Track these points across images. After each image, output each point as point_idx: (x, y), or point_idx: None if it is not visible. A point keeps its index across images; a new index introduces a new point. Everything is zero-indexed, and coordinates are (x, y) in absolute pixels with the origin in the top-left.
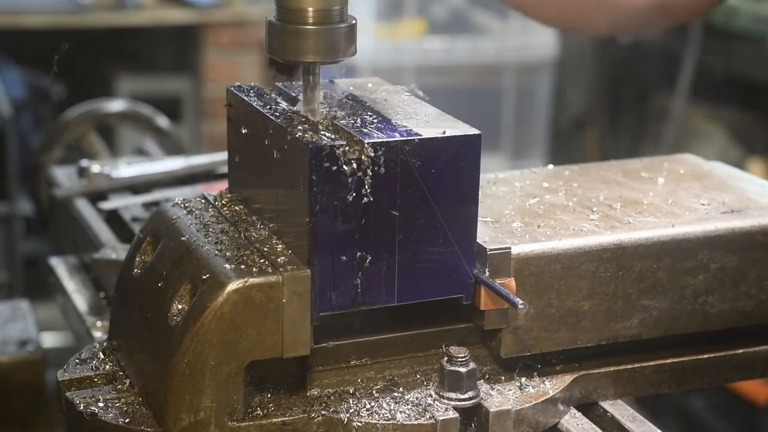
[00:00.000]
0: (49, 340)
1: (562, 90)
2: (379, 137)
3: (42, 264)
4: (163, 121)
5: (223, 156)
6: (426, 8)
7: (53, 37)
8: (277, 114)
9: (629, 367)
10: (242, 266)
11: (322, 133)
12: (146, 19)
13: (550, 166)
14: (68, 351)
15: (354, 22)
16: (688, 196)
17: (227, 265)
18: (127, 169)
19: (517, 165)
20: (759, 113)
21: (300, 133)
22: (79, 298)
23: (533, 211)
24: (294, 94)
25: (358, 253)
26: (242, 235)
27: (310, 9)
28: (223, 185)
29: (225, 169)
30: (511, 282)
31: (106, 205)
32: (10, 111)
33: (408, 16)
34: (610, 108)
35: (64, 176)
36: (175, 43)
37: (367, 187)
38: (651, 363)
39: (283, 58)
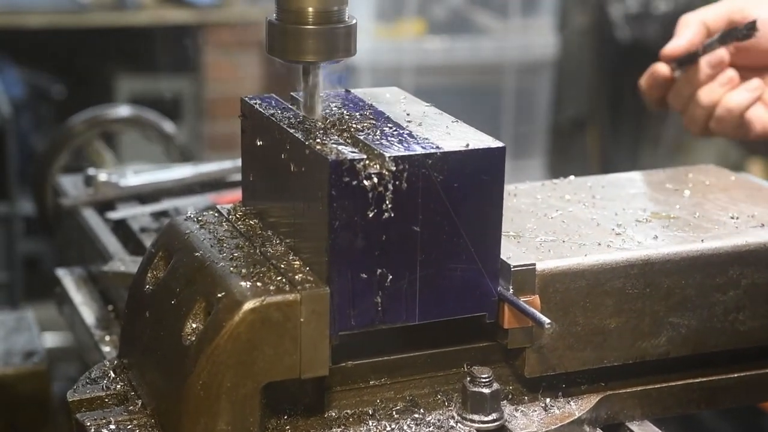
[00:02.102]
0: (50, 340)
1: (562, 90)
2: (401, 150)
3: (42, 265)
4: (169, 126)
5: (231, 164)
6: (426, 8)
7: (53, 37)
8: (295, 126)
9: (657, 386)
10: (259, 284)
11: (341, 146)
12: (146, 19)
13: (572, 177)
14: (68, 351)
15: (354, 22)
16: (716, 209)
17: (243, 283)
18: (134, 177)
19: (517, 165)
20: None
21: (319, 147)
22: (87, 310)
23: (556, 225)
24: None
25: (379, 271)
26: (258, 250)
27: (310, 9)
28: (233, 194)
29: (235, 178)
30: (536, 299)
31: (114, 215)
32: (10, 111)
33: (408, 16)
34: (610, 108)
35: (70, 185)
36: (175, 43)
37: (387, 202)
38: (679, 382)
39: (283, 58)
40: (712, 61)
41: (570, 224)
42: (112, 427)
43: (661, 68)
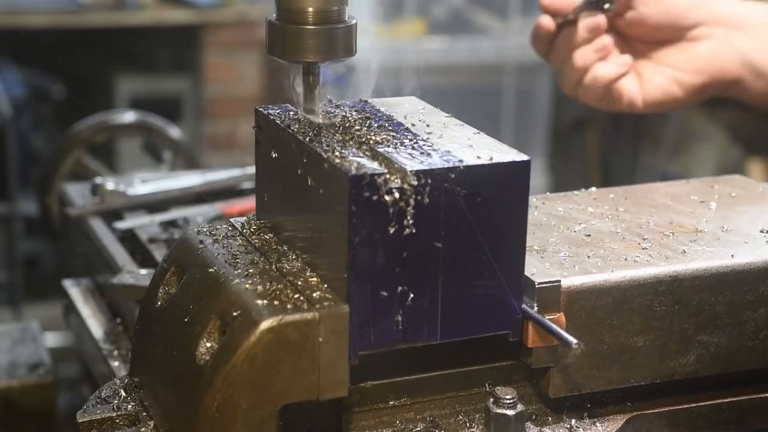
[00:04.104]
0: (51, 340)
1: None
2: (422, 164)
3: (42, 265)
4: (175, 131)
5: (240, 172)
6: (426, 8)
7: (53, 37)
8: (312, 138)
9: (685, 406)
10: (275, 302)
11: (361, 159)
12: (146, 19)
13: (593, 189)
14: (69, 351)
15: (354, 22)
16: (745, 222)
17: (259, 301)
18: (141, 186)
19: None
20: (759, 113)
21: (338, 160)
22: (95, 323)
23: (580, 239)
24: (328, 115)
25: (400, 288)
26: (274, 266)
27: (310, 9)
28: (242, 203)
29: (244, 186)
30: (561, 317)
31: (122, 225)
32: (10, 111)
33: (408, 16)
34: None
35: (77, 193)
36: (175, 43)
37: (409, 217)
38: (708, 402)
39: (283, 58)
40: (589, 25)
41: (594, 238)
42: None
43: (545, 21)
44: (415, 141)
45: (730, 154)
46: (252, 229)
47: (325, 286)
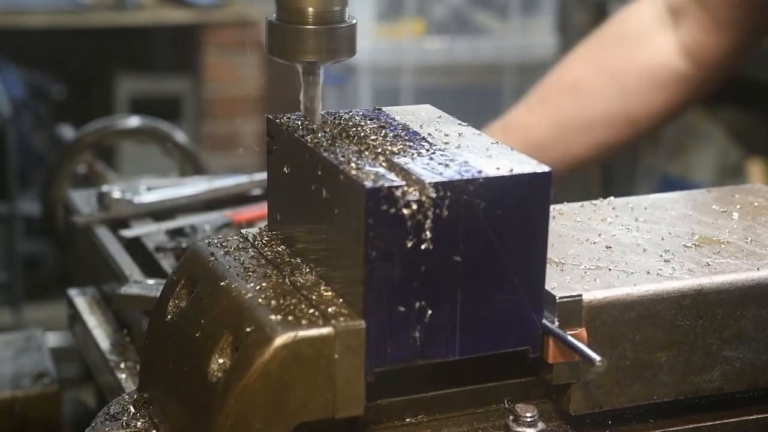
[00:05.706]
0: (52, 340)
1: None
2: (441, 176)
3: (42, 265)
4: (181, 136)
5: (248, 178)
6: (426, 8)
7: (53, 37)
8: (326, 148)
9: (709, 423)
10: (290, 317)
11: (377, 171)
12: (146, 19)
13: (611, 198)
14: (70, 351)
15: (354, 22)
16: None
17: (273, 317)
18: (148, 194)
19: None
20: (759, 113)
21: (354, 172)
22: (101, 334)
23: (600, 251)
24: (342, 124)
25: (417, 303)
26: (287, 280)
27: (310, 9)
28: (251, 210)
29: (252, 193)
30: (583, 332)
31: (128, 233)
32: (10, 111)
33: (408, 16)
34: None
35: (82, 200)
36: (175, 43)
37: (427, 231)
38: (733, 419)
39: (283, 58)
40: None
41: (615, 250)
42: None
43: None
44: (432, 151)
45: (730, 154)
46: (264, 241)
47: (341, 300)
